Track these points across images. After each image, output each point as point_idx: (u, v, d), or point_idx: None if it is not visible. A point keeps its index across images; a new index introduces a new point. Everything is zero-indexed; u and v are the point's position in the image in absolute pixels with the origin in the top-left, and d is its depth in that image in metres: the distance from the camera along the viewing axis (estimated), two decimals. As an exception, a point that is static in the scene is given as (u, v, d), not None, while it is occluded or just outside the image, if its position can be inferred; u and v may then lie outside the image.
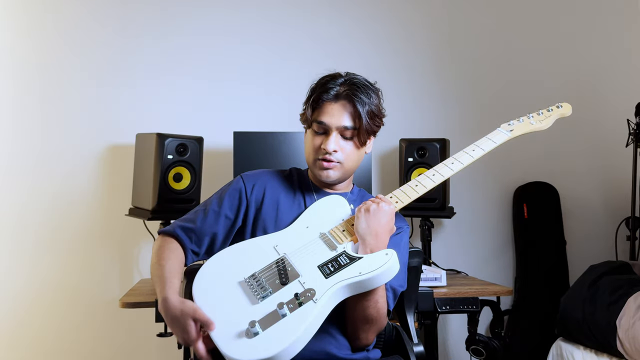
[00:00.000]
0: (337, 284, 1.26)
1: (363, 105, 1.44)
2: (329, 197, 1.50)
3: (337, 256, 1.33)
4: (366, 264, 1.29)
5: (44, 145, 2.66)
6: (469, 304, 2.26)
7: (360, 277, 1.27)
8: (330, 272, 1.30)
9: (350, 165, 1.50)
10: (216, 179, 2.68)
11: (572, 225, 3.08)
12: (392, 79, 2.95)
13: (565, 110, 1.71)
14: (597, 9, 3.15)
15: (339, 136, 1.46)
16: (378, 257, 1.30)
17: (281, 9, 2.86)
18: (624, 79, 3.15)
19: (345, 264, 1.31)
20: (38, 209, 2.64)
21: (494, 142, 1.59)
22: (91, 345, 2.67)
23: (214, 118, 2.77)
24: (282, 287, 1.29)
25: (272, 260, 1.36)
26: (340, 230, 1.40)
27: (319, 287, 1.26)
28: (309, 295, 1.24)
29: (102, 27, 2.72)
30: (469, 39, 3.03)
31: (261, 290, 1.29)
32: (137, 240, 2.70)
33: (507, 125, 1.65)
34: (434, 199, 2.54)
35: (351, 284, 1.27)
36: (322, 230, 1.41)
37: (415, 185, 1.49)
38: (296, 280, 1.30)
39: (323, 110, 1.46)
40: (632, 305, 2.14)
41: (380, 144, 2.87)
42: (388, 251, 1.30)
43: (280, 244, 1.40)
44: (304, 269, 1.32)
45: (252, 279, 1.32)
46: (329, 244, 1.37)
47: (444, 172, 1.52)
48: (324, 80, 1.49)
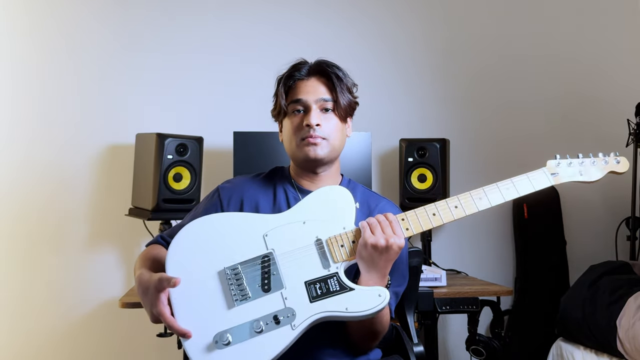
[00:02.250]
0: (319, 313, 1.19)
1: (337, 78, 1.41)
2: (333, 188, 1.35)
3: (327, 277, 1.22)
4: (356, 301, 1.19)
5: (44, 145, 2.66)
6: (469, 304, 2.25)
7: (345, 314, 1.19)
8: (316, 295, 1.20)
9: (337, 143, 1.42)
10: (216, 179, 2.65)
11: (572, 225, 3.08)
12: (392, 79, 2.95)
13: (621, 166, 1.48)
14: (597, 9, 3.15)
15: (319, 111, 1.40)
16: (370, 297, 1.20)
17: (280, 10, 2.86)
18: (624, 79, 3.14)
19: (334, 291, 1.21)
20: (38, 208, 2.64)
21: (533, 187, 1.39)
22: (91, 345, 2.67)
23: (214, 118, 2.77)
24: (262, 294, 1.21)
25: (258, 253, 1.25)
26: (339, 245, 1.26)
27: (300, 311, 1.19)
28: (288, 317, 1.18)
29: (102, 27, 2.72)
30: (469, 39, 3.03)
31: (240, 292, 1.21)
32: (137, 240, 2.70)
33: (554, 165, 1.45)
34: (434, 199, 2.54)
35: (334, 317, 1.20)
36: (319, 235, 1.27)
37: (433, 214, 1.30)
38: (279, 292, 1.21)
39: (298, 89, 1.42)
40: (632, 305, 2.14)
41: (380, 144, 2.86)
42: (381, 292, 1.20)
43: (271, 235, 1.27)
44: (290, 281, 1.22)
45: (233, 272, 1.23)
46: (323, 257, 1.25)
47: (468, 208, 1.33)
48: (292, 65, 1.46)
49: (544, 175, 1.43)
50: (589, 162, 1.47)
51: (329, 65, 1.44)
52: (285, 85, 1.44)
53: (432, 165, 2.55)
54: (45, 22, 2.68)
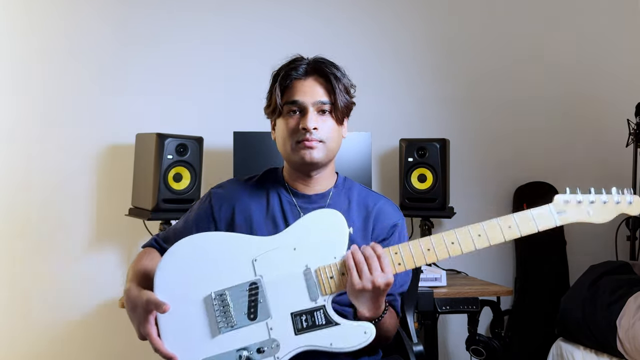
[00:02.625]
0: (303, 346, 1.20)
1: (336, 79, 1.36)
2: (326, 213, 1.31)
3: (314, 310, 1.22)
4: (341, 337, 1.20)
5: (44, 145, 2.66)
6: (469, 304, 2.25)
7: (329, 349, 1.20)
8: (301, 328, 1.21)
9: (333, 145, 1.39)
10: (216, 179, 2.64)
11: (572, 225, 3.04)
12: (392, 79, 2.95)
13: (634, 208, 1.34)
14: (597, 9, 3.15)
15: (316, 113, 1.36)
16: (356, 334, 1.20)
17: (280, 9, 2.86)
18: (624, 79, 3.14)
19: (319, 324, 1.21)
20: (38, 208, 2.64)
21: (537, 227, 1.34)
22: (91, 345, 2.67)
23: (214, 118, 2.77)
24: (248, 322, 1.22)
25: (246, 280, 1.24)
26: (328, 276, 1.23)
27: (284, 343, 1.20)
28: (272, 349, 1.19)
29: (102, 27, 2.72)
30: (469, 39, 3.03)
31: (225, 319, 1.22)
32: (137, 240, 2.70)
33: (561, 202, 1.36)
34: (434, 199, 2.55)
35: (318, 351, 1.21)
36: (309, 264, 1.24)
37: (428, 249, 1.26)
38: (264, 322, 1.22)
39: (294, 90, 1.37)
40: (632, 305, 2.14)
41: (380, 144, 2.86)
42: (367, 328, 1.20)
43: (260, 260, 1.25)
44: (276, 310, 1.22)
45: (220, 298, 1.23)
46: (311, 289, 1.23)
47: (465, 245, 1.27)
48: (288, 62, 1.41)
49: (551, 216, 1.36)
50: (600, 203, 1.36)
51: (327, 65, 1.39)
52: (281, 84, 1.39)
53: (432, 165, 2.55)
54: (45, 21, 2.68)
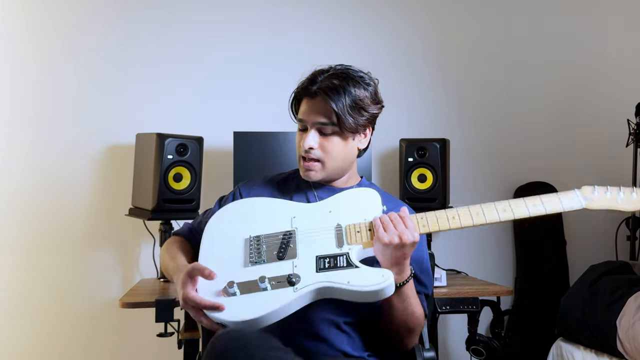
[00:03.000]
0: (322, 282, 1.24)
1: (339, 101, 1.36)
2: (364, 191, 1.43)
3: (338, 255, 1.30)
4: (358, 277, 1.24)
5: (44, 145, 2.66)
6: (469, 304, 2.26)
7: (346, 287, 1.23)
8: (323, 267, 1.28)
9: (334, 164, 1.43)
10: (216, 179, 2.68)
11: (572, 225, 3.08)
12: (392, 79, 2.94)
13: None
14: (597, 9, 3.15)
15: (316, 133, 1.40)
16: (373, 276, 1.24)
17: (282, 8, 2.86)
18: (624, 79, 3.14)
19: (341, 266, 1.27)
20: (38, 209, 2.64)
21: (562, 207, 1.33)
22: (91, 345, 2.67)
23: (214, 118, 2.77)
24: (276, 260, 1.31)
25: (282, 229, 1.37)
26: (356, 231, 1.32)
27: (305, 277, 1.26)
28: (292, 281, 1.24)
29: (102, 27, 2.72)
30: (469, 39, 3.03)
31: (257, 255, 1.32)
32: (137, 240, 2.70)
33: (589, 191, 1.36)
34: (434, 199, 2.54)
35: (335, 289, 1.24)
36: (340, 222, 1.35)
37: (453, 217, 1.32)
38: (291, 261, 1.30)
39: (302, 108, 1.44)
40: (632, 305, 2.14)
41: (380, 144, 2.86)
42: (385, 272, 1.24)
43: (298, 217, 1.39)
44: (303, 253, 1.31)
45: (256, 240, 1.35)
46: (339, 238, 1.33)
47: (490, 216, 1.31)
48: (308, 76, 1.44)
49: (577, 198, 1.35)
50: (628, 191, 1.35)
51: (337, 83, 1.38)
52: (296, 99, 1.48)
53: (432, 165, 2.55)
54: (43, 22, 2.67)
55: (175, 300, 2.02)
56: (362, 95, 1.41)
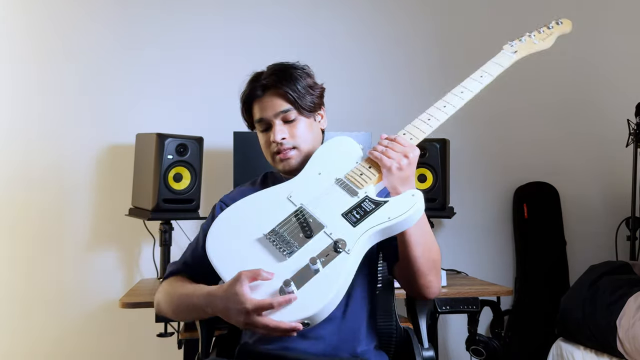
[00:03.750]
0: (367, 231, 1.20)
1: (290, 84, 1.41)
2: (334, 140, 1.43)
3: (360, 202, 1.26)
4: (394, 208, 1.22)
5: (44, 145, 2.66)
6: (469, 304, 2.26)
7: (390, 222, 1.20)
8: (357, 219, 1.23)
9: (308, 147, 1.44)
10: (216, 179, 2.68)
11: (572, 225, 3.08)
12: (392, 79, 2.95)
13: (565, 27, 1.66)
14: (597, 9, 3.15)
15: (281, 123, 1.42)
16: (405, 200, 1.23)
17: (281, 8, 2.86)
18: (624, 79, 3.14)
19: (371, 209, 1.24)
20: (38, 209, 2.64)
21: (501, 66, 1.55)
22: (91, 345, 2.67)
23: (214, 118, 2.77)
24: (307, 240, 1.22)
25: (289, 212, 1.29)
26: (358, 174, 1.31)
27: (348, 237, 1.20)
28: (339, 247, 1.18)
29: (102, 27, 2.72)
30: (468, 39, 3.03)
31: (286, 245, 1.22)
32: (137, 240, 2.70)
33: (509, 47, 1.59)
34: (434, 199, 2.54)
35: (381, 230, 1.21)
36: (337, 176, 1.33)
37: (428, 119, 1.43)
38: (322, 232, 1.23)
39: (257, 109, 1.45)
40: (632, 305, 2.14)
41: (380, 144, 2.86)
42: (414, 192, 1.24)
43: (295, 194, 1.32)
44: (328, 219, 1.25)
45: (273, 234, 1.25)
46: (349, 189, 1.29)
47: (455, 103, 1.45)
48: (248, 82, 1.48)
49: (506, 54, 1.60)
50: (537, 32, 1.64)
51: (280, 73, 1.43)
52: (246, 106, 1.48)
53: (432, 165, 2.55)
54: (44, 22, 2.67)
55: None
56: (306, 77, 1.45)
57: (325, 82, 1.52)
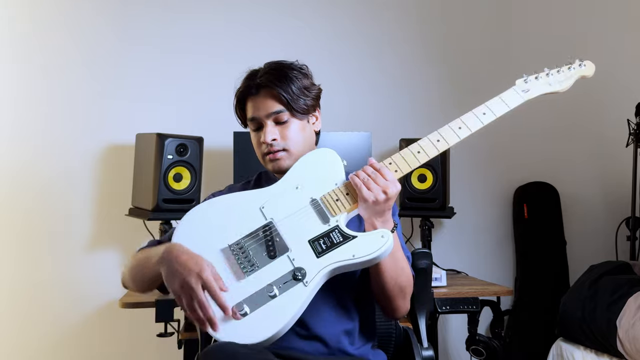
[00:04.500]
0: (329, 265, 1.20)
1: (284, 85, 1.39)
2: (320, 152, 1.40)
3: (329, 231, 1.25)
4: (361, 247, 1.21)
5: (44, 145, 2.66)
6: (469, 304, 2.26)
7: (353, 260, 1.20)
8: (322, 250, 1.22)
9: (299, 148, 1.42)
10: (216, 179, 2.67)
11: (572, 225, 3.08)
12: (392, 79, 2.95)
13: (587, 70, 1.48)
14: (597, 9, 3.15)
15: (273, 124, 1.41)
16: (374, 240, 1.22)
17: (282, 9, 2.86)
18: (624, 79, 3.14)
19: (338, 242, 1.23)
20: (38, 208, 2.64)
21: (507, 106, 1.41)
22: (91, 345, 2.67)
23: (214, 118, 2.76)
24: (270, 260, 1.22)
25: (258, 225, 1.28)
26: (334, 199, 1.29)
27: (309, 267, 1.20)
28: (299, 276, 1.19)
29: (102, 27, 2.72)
30: (468, 40, 3.03)
31: (248, 263, 1.22)
32: (137, 240, 2.69)
33: (522, 83, 1.44)
34: (434, 199, 2.54)
35: (343, 266, 1.21)
36: (313, 196, 1.30)
37: (418, 151, 1.35)
38: (285, 256, 1.23)
39: (250, 107, 1.44)
40: (632, 305, 2.14)
41: (380, 144, 2.86)
42: (384, 233, 1.23)
43: (267, 206, 1.30)
44: (294, 243, 1.24)
45: (238, 247, 1.25)
46: (321, 214, 1.28)
47: (450, 139, 1.37)
48: (243, 79, 1.48)
49: (515, 94, 1.44)
50: (555, 72, 1.47)
51: (275, 73, 1.41)
52: (239, 104, 1.48)
53: (432, 165, 2.55)
54: (46, 23, 2.67)
55: (175, 300, 2.02)
56: (301, 77, 1.43)
57: (325, 83, 1.52)
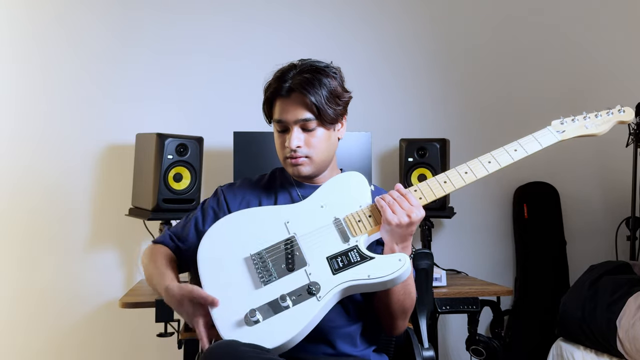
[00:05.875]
0: (343, 283, 1.22)
1: (316, 93, 1.37)
2: (347, 175, 1.42)
3: (348, 250, 1.27)
4: (377, 268, 1.23)
5: (44, 145, 2.66)
6: (469, 304, 2.26)
7: (367, 281, 1.22)
8: (338, 268, 1.24)
9: (321, 157, 1.43)
10: (216, 179, 2.67)
11: (572, 225, 3.08)
12: (393, 79, 2.95)
13: (627, 116, 1.47)
14: (597, 9, 3.15)
15: (299, 130, 1.40)
16: (391, 262, 1.23)
17: (281, 9, 2.86)
18: (624, 79, 3.14)
19: (355, 261, 1.25)
20: (38, 208, 2.64)
21: (540, 145, 1.41)
22: (91, 345, 2.67)
23: (214, 118, 2.77)
24: (287, 273, 1.26)
25: (281, 238, 1.32)
26: (356, 220, 1.32)
27: (324, 283, 1.22)
28: (313, 291, 1.21)
29: (102, 27, 2.72)
30: (469, 39, 3.03)
31: (266, 273, 1.26)
32: (137, 240, 2.70)
33: (559, 124, 1.45)
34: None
35: (358, 286, 1.23)
36: (337, 215, 1.33)
37: (444, 181, 1.36)
38: (302, 269, 1.26)
39: (279, 108, 1.42)
40: (632, 305, 2.14)
41: (380, 144, 2.86)
42: (402, 257, 1.24)
43: (292, 221, 1.34)
44: (312, 258, 1.27)
45: (258, 257, 1.29)
46: (342, 233, 1.30)
47: (478, 172, 1.37)
48: (275, 76, 1.44)
49: (549, 133, 1.43)
50: (593, 116, 1.46)
51: (310, 77, 1.38)
52: (268, 101, 1.46)
53: (432, 165, 2.55)
54: (46, 23, 2.67)
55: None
56: (334, 84, 1.42)
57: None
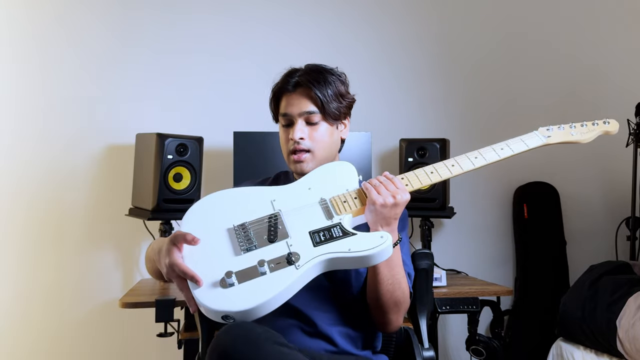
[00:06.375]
0: (323, 255, 1.22)
1: (321, 88, 1.43)
2: (337, 163, 1.46)
3: (331, 226, 1.28)
4: (358, 242, 1.24)
5: (45, 145, 2.66)
6: (469, 304, 2.26)
7: (348, 254, 1.22)
8: (319, 241, 1.25)
9: (323, 153, 1.46)
10: (216, 179, 2.68)
11: (572, 225, 3.08)
12: (393, 79, 2.95)
13: (611, 127, 1.51)
14: (597, 9, 3.15)
15: (303, 123, 1.44)
16: (372, 238, 1.24)
17: (281, 8, 2.86)
18: (624, 79, 3.14)
19: (337, 236, 1.26)
20: (38, 208, 2.64)
21: (526, 145, 1.48)
22: (91, 345, 2.67)
23: (214, 118, 2.77)
24: (268, 243, 1.26)
25: (266, 213, 1.33)
26: (342, 201, 1.34)
27: (304, 254, 1.22)
28: (292, 259, 1.21)
29: (102, 27, 2.72)
30: (469, 39, 3.03)
31: (247, 242, 1.27)
32: (137, 240, 2.70)
33: (545, 130, 1.54)
34: (434, 199, 2.54)
35: (337, 259, 1.23)
36: (323, 196, 1.35)
37: (431, 172, 1.39)
38: (284, 241, 1.26)
39: (284, 103, 1.47)
40: (632, 305, 2.14)
41: (380, 144, 2.86)
42: (384, 234, 1.24)
43: (278, 200, 1.36)
44: (295, 231, 1.28)
45: (241, 228, 1.30)
46: (327, 211, 1.32)
47: (464, 165, 1.41)
48: (283, 75, 1.50)
49: (536, 136, 1.52)
50: (579, 125, 1.55)
51: (315, 74, 1.45)
52: (275, 97, 1.50)
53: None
54: (46, 23, 2.67)
55: (175, 300, 2.02)
56: (339, 84, 1.48)
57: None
